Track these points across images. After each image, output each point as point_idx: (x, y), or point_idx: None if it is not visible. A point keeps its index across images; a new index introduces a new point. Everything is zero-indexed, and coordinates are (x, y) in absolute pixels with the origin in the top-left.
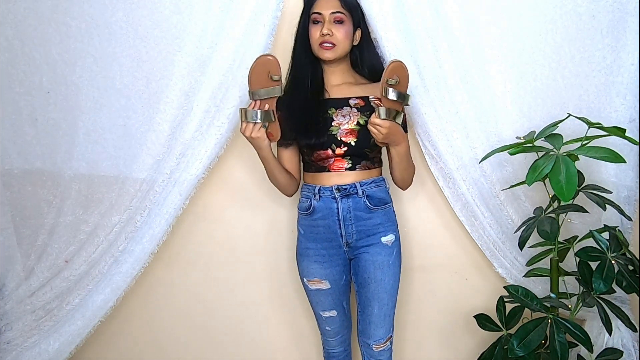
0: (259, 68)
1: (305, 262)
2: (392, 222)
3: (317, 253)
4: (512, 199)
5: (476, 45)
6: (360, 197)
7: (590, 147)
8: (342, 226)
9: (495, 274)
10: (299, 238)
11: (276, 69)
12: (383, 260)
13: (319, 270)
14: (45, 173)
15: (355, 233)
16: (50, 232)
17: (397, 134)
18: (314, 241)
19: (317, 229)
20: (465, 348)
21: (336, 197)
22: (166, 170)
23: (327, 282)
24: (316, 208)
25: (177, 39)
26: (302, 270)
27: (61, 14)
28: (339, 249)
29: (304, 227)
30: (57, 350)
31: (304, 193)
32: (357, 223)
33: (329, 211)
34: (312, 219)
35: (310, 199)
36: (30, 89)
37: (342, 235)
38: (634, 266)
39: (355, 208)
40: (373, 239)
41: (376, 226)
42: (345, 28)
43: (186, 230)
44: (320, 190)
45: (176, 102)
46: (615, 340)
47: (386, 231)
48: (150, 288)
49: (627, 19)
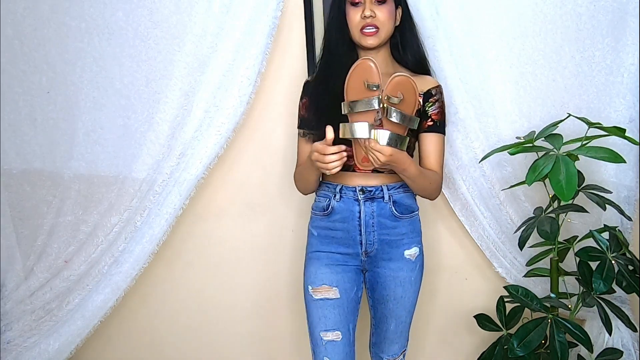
0: (357, 75)
1: (315, 265)
2: (417, 233)
3: (330, 256)
4: (512, 199)
5: (476, 45)
6: (386, 202)
7: (590, 147)
8: (363, 232)
9: (495, 274)
10: (309, 241)
11: (375, 77)
12: (405, 276)
13: (329, 275)
14: (44, 173)
15: (377, 242)
16: (50, 232)
17: (400, 161)
18: (329, 244)
19: (334, 232)
20: (465, 348)
21: (359, 199)
22: (166, 170)
23: (337, 290)
24: (335, 209)
25: (176, 38)
26: (309, 277)
27: (61, 14)
28: (356, 258)
29: (319, 229)
30: (57, 350)
31: (322, 192)
32: (380, 231)
33: (349, 214)
34: (329, 220)
35: (329, 199)
36: (30, 89)
37: (361, 242)
38: (634, 266)
39: (380, 214)
40: (395, 252)
41: (400, 237)
42: (388, 7)
43: (186, 230)
44: (342, 190)
45: (176, 102)
46: (615, 340)
47: (410, 243)
48: (150, 288)
49: (627, 19)
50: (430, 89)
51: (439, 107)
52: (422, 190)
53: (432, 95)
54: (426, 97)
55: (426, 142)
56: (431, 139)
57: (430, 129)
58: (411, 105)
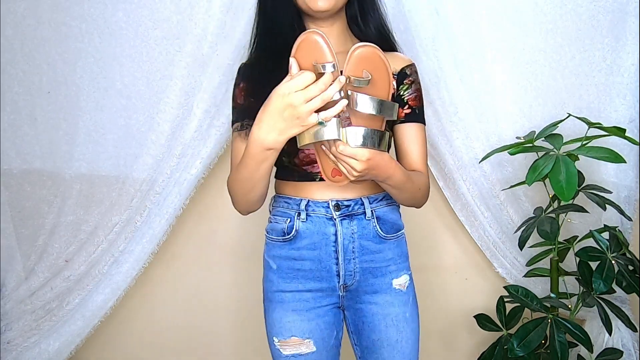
0: (303, 55)
1: (278, 312)
2: (405, 257)
3: (297, 298)
4: (512, 199)
5: (476, 45)
6: (368, 219)
7: (590, 147)
8: (340, 261)
9: (495, 274)
10: (267, 275)
11: (325, 54)
12: (398, 314)
13: (299, 324)
14: (45, 173)
15: (358, 272)
16: (51, 232)
17: (383, 167)
18: (294, 281)
19: (300, 263)
20: (465, 348)
21: (334, 218)
22: (166, 170)
23: (310, 342)
24: (301, 232)
25: (177, 39)
26: (273, 326)
27: (61, 14)
28: (332, 294)
29: (278, 260)
30: (57, 350)
31: (278, 209)
32: (362, 257)
33: (321, 238)
34: (292, 247)
35: (290, 219)
36: (30, 89)
37: (339, 274)
38: (634, 266)
39: (362, 235)
40: (381, 282)
41: (386, 263)
42: None
43: (186, 230)
44: (309, 206)
45: (176, 102)
46: (615, 340)
47: (398, 270)
48: (150, 288)
49: (627, 19)
50: (404, 67)
51: (416, 90)
52: (409, 200)
53: (406, 75)
54: (400, 78)
55: (405, 135)
56: (410, 131)
57: (408, 118)
58: (384, 86)
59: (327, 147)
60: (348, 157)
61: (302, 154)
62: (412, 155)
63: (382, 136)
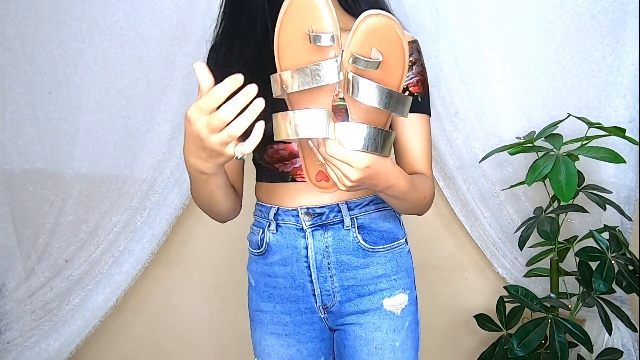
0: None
1: (258, 333)
2: (405, 273)
3: (276, 321)
4: (512, 199)
5: (476, 45)
6: (347, 228)
7: (590, 147)
8: (314, 279)
9: (495, 274)
10: (248, 292)
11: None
12: (384, 341)
13: (278, 349)
14: (46, 173)
15: (339, 291)
16: (52, 232)
17: (384, 175)
18: (271, 300)
19: (275, 280)
20: (465, 348)
21: (304, 228)
22: (166, 170)
23: None
24: (271, 246)
25: (177, 39)
26: (255, 346)
27: (62, 14)
28: (312, 315)
29: (256, 275)
30: (57, 350)
31: (255, 218)
32: (340, 275)
33: (291, 252)
34: (265, 262)
35: (262, 230)
36: (31, 89)
37: (314, 293)
38: (634, 266)
39: (339, 249)
40: (369, 301)
41: (375, 280)
42: None
43: (186, 231)
44: (278, 214)
45: (177, 102)
46: (615, 340)
47: (393, 288)
48: (150, 288)
49: (627, 19)
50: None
51: (419, 74)
52: (410, 209)
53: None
54: None
55: (405, 128)
56: (414, 124)
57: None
58: (397, 72)
59: (314, 144)
60: (341, 162)
61: (270, 149)
62: (414, 153)
63: (387, 137)
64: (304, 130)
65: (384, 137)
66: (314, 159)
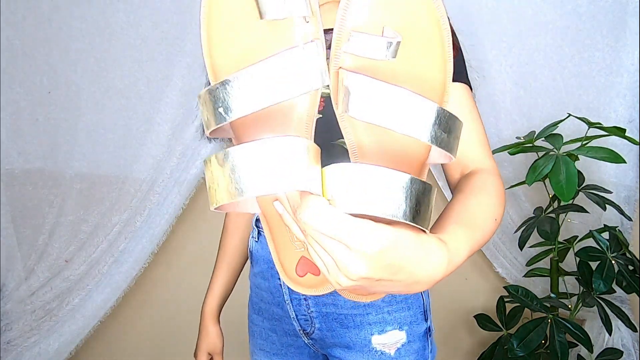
0: None
1: (252, 343)
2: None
3: (264, 337)
4: (512, 199)
5: (476, 45)
6: None
7: (590, 147)
8: (287, 300)
9: (495, 274)
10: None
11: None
12: None
13: None
14: (46, 173)
15: (317, 318)
16: (51, 232)
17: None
18: (260, 314)
19: (261, 293)
20: (465, 348)
21: None
22: (166, 170)
23: None
24: (255, 256)
25: (177, 39)
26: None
27: (62, 14)
28: (296, 339)
29: (251, 283)
30: (57, 350)
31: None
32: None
33: (269, 266)
34: (253, 273)
35: (251, 236)
36: (31, 89)
37: (292, 317)
38: (634, 266)
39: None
40: (354, 335)
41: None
42: None
43: (186, 230)
44: (259, 222)
45: (176, 102)
46: (615, 340)
47: (384, 323)
48: (150, 288)
49: (627, 19)
50: None
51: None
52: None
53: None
54: None
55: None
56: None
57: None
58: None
59: (284, 209)
60: (334, 241)
61: None
62: (465, 145)
63: (425, 194)
64: (263, 181)
65: (417, 193)
66: (288, 239)
